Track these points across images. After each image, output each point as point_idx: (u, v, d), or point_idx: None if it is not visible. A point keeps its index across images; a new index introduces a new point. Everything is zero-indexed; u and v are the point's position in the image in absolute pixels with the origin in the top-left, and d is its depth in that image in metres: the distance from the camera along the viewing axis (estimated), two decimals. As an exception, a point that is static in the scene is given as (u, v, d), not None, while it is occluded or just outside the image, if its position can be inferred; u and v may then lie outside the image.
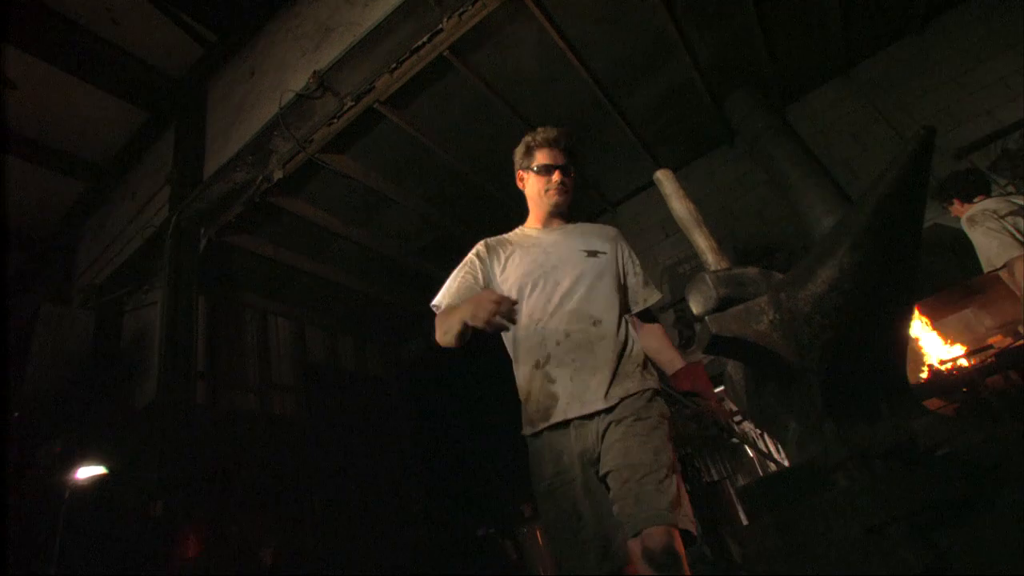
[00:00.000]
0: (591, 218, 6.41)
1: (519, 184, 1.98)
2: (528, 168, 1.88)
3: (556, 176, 1.82)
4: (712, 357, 3.27)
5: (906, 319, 1.22)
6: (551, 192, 1.82)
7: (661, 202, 6.05)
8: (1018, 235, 3.32)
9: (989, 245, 3.38)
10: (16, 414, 4.42)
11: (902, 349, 1.26)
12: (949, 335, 4.25)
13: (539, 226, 1.85)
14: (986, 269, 3.46)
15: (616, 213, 6.40)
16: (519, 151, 1.93)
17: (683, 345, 5.25)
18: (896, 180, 1.03)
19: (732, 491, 4.63)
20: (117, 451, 4.32)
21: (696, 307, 1.51)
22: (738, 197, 5.72)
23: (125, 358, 5.24)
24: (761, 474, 4.59)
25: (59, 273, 6.21)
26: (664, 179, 2.62)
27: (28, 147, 5.58)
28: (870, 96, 5.25)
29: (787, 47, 4.93)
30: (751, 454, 4.70)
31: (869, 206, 1.08)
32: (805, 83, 5.48)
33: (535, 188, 1.86)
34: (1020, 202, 3.52)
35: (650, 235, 6.11)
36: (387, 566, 5.52)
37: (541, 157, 1.84)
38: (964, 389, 3.27)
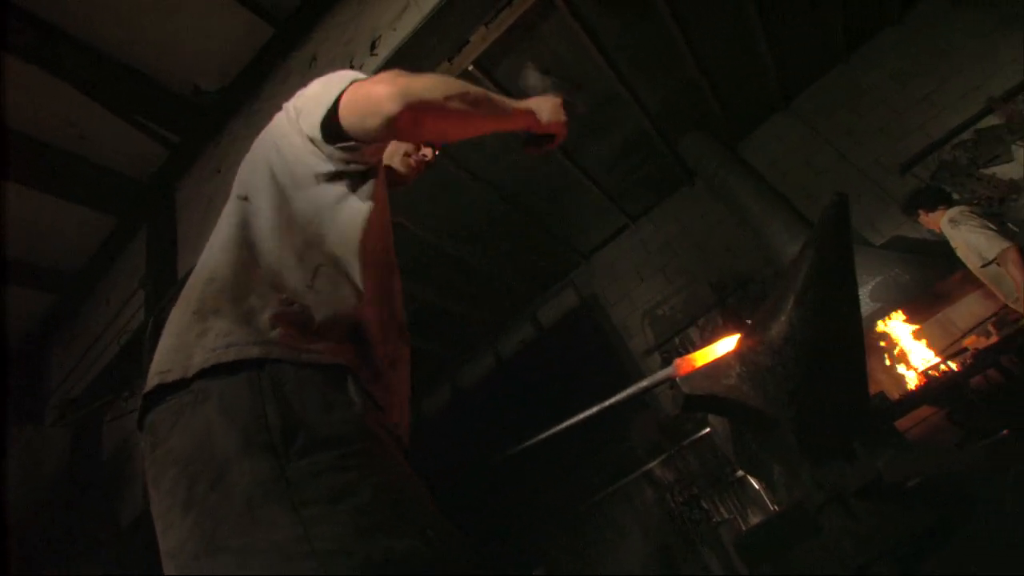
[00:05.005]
0: (565, 272, 6.56)
1: None
2: None
3: (430, 153, 1.29)
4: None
5: (861, 358, 1.28)
6: (416, 162, 1.28)
7: (633, 248, 6.29)
8: (998, 229, 3.54)
9: (978, 241, 3.58)
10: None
11: (864, 386, 1.31)
12: (928, 342, 4.36)
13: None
14: (978, 264, 3.62)
15: (590, 263, 6.53)
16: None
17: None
18: (821, 241, 1.12)
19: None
20: (105, 574, 4.12)
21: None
22: (706, 234, 5.89)
23: (108, 472, 5.06)
24: (772, 508, 4.54)
25: (30, 391, 6.03)
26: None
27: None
28: (813, 125, 5.54)
29: (730, 89, 5.22)
30: (757, 486, 4.65)
31: (804, 264, 1.16)
32: (752, 119, 5.79)
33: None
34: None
35: (626, 281, 6.22)
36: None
37: None
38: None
